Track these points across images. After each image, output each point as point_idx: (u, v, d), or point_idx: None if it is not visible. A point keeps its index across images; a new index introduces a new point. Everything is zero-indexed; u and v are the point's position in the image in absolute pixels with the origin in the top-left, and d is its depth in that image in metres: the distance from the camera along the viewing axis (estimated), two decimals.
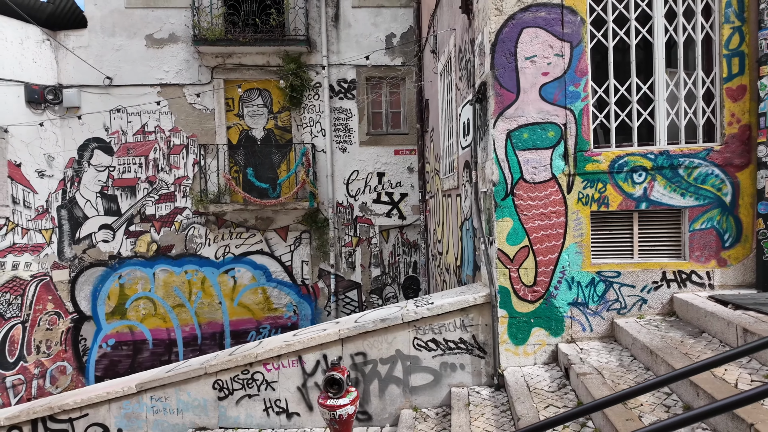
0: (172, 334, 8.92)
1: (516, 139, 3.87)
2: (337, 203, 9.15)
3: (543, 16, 3.82)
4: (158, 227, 8.87)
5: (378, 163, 9.20)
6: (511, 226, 3.89)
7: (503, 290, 3.93)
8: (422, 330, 4.14)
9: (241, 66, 8.90)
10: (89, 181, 8.75)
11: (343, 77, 9.10)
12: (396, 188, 9.24)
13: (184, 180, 8.92)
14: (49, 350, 8.42)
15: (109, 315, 8.82)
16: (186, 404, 4.54)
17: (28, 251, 8.20)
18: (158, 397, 4.59)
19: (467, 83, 5.03)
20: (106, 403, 4.66)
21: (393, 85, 9.29)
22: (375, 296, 9.28)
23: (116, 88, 8.74)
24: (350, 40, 9.07)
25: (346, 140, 9.14)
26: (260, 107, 9.14)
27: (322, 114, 9.06)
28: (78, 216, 8.74)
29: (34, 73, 8.35)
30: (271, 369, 4.39)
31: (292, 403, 4.36)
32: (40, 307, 8.33)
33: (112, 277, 8.79)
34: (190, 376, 4.50)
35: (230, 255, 9.02)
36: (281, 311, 9.12)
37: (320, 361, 4.32)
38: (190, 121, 8.90)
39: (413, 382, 4.17)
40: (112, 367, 8.85)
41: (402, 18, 9.12)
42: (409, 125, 9.24)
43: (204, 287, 8.96)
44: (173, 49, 8.83)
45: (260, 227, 9.07)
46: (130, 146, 8.81)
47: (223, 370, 4.45)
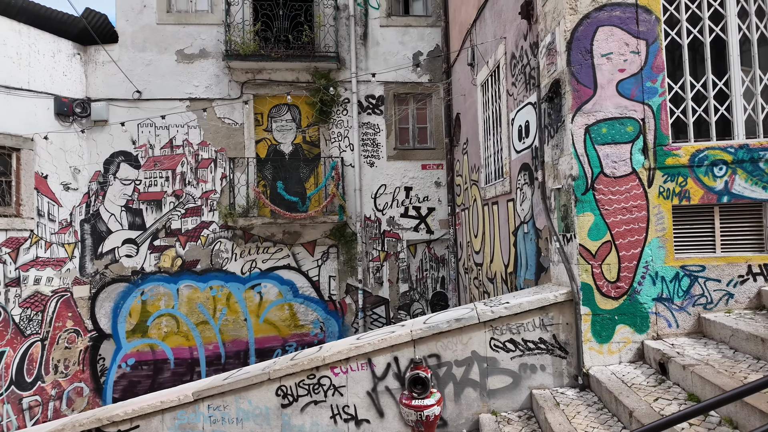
0: (194, 352, 8.61)
1: (594, 133, 3.89)
2: (365, 217, 9.08)
3: (618, 15, 3.90)
4: (184, 242, 8.70)
5: (405, 177, 9.20)
6: (592, 221, 3.86)
7: (585, 287, 3.85)
8: (499, 330, 4.02)
9: (270, 82, 8.97)
10: (114, 195, 8.60)
11: (371, 93, 9.20)
12: (423, 202, 9.22)
13: (211, 194, 8.82)
14: (66, 370, 8.06)
15: (130, 333, 8.51)
16: (246, 413, 4.32)
17: (50, 266, 7.95)
18: (216, 405, 4.36)
19: (525, 87, 5.09)
20: (159, 413, 4.41)
21: (419, 101, 9.41)
22: (403, 312, 9.10)
23: (145, 102, 8.72)
24: (378, 58, 9.22)
25: (374, 155, 9.16)
26: (289, 122, 9.17)
27: (351, 129, 9.11)
28: (101, 230, 8.54)
29: (64, 86, 8.32)
30: (338, 373, 4.21)
31: (362, 409, 4.17)
32: (59, 325, 8.02)
33: (134, 293, 8.53)
34: (251, 383, 4.29)
35: (257, 270, 8.84)
36: (308, 328, 8.89)
37: (391, 364, 4.15)
38: (218, 135, 8.87)
39: (491, 385, 4.02)
40: (131, 388, 8.48)
41: (428, 37, 9.32)
42: (435, 140, 9.31)
43: (229, 303, 8.72)
44: (203, 64, 8.89)
45: (287, 241, 8.94)
46: (157, 160, 8.72)
47: (288, 375, 4.26)
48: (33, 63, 7.90)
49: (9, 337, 7.30)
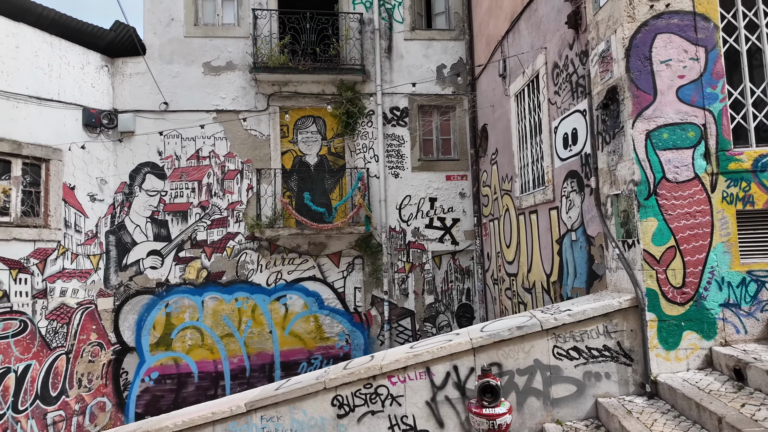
0: (219, 366, 8.48)
1: (655, 139, 3.90)
2: (390, 228, 9.05)
3: (676, 23, 3.95)
4: (209, 253, 8.63)
5: (430, 188, 9.20)
6: (655, 226, 3.84)
7: (651, 293, 3.82)
8: (562, 338, 3.97)
9: (296, 94, 9.02)
10: (140, 206, 8.56)
11: (396, 105, 9.26)
12: (448, 213, 9.20)
13: (237, 205, 8.79)
14: (90, 384, 7.91)
15: (154, 346, 8.38)
16: (301, 424, 4.22)
17: (76, 277, 7.86)
18: (270, 416, 4.26)
19: (571, 95, 5.12)
20: (210, 425, 4.31)
21: (443, 113, 9.47)
22: (429, 324, 9.01)
23: (172, 114, 8.74)
24: (402, 71, 9.30)
25: (399, 166, 9.17)
26: (314, 134, 9.20)
27: (376, 140, 9.14)
28: (126, 241, 8.48)
29: (92, 98, 8.34)
30: (396, 382, 4.14)
31: (421, 419, 4.08)
32: (84, 337, 7.89)
33: (159, 305, 8.43)
34: (306, 393, 4.21)
35: (282, 281, 8.76)
36: (333, 340, 8.77)
37: (450, 373, 4.08)
38: (245, 146, 8.88)
39: (554, 394, 3.95)
40: (154, 402, 8.31)
41: (452, 50, 9.42)
42: (459, 151, 9.34)
43: (254, 315, 8.62)
44: (230, 77, 8.94)
45: (313, 253, 8.88)
46: (183, 171, 8.71)
47: (344, 385, 4.18)
48: (63, 75, 7.93)
49: (35, 350, 7.18)
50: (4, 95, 7.10)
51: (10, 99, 7.17)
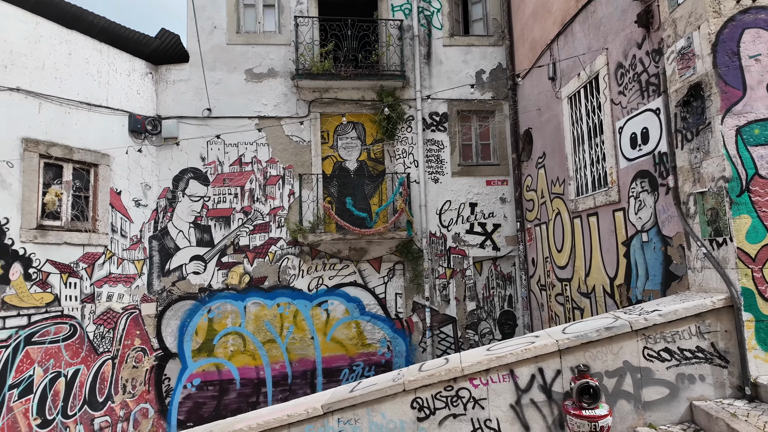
0: (261, 372, 8.40)
1: (746, 135, 3.82)
2: (430, 234, 8.99)
3: (763, 18, 3.90)
4: (252, 258, 8.61)
5: (470, 193, 9.14)
6: (749, 224, 3.75)
7: (747, 292, 3.71)
8: (652, 339, 3.86)
9: (337, 100, 9.06)
10: (182, 211, 8.59)
11: (435, 111, 9.25)
12: (489, 218, 9.12)
13: (279, 210, 8.78)
14: (134, 390, 7.86)
15: (196, 352, 8.33)
16: (380, 427, 4.13)
17: (121, 282, 7.87)
18: (347, 419, 4.18)
19: (640, 94, 5.06)
20: (285, 428, 4.23)
21: (482, 118, 9.44)
22: (471, 332, 8.88)
23: (214, 120, 8.80)
24: (441, 76, 9.31)
25: (438, 171, 9.14)
26: (354, 140, 9.21)
27: (415, 146, 9.12)
28: (169, 247, 8.49)
29: (137, 104, 8.43)
30: (478, 384, 4.04)
31: (505, 423, 3.97)
32: (128, 343, 7.87)
33: (201, 311, 8.40)
34: (385, 394, 4.12)
35: (323, 287, 8.71)
36: (375, 347, 8.67)
37: (536, 376, 3.98)
38: (286, 152, 8.91)
39: (646, 397, 3.83)
40: (196, 410, 8.24)
41: (491, 56, 9.43)
42: (499, 156, 9.29)
43: (296, 321, 8.56)
44: (272, 84, 9.00)
45: (353, 258, 8.83)
46: (226, 176, 8.74)
47: (423, 387, 4.09)
48: (111, 81, 8.03)
49: (84, 355, 7.16)
50: (57, 101, 7.19)
51: (63, 105, 7.26)
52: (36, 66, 6.97)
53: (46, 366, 6.66)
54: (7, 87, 6.59)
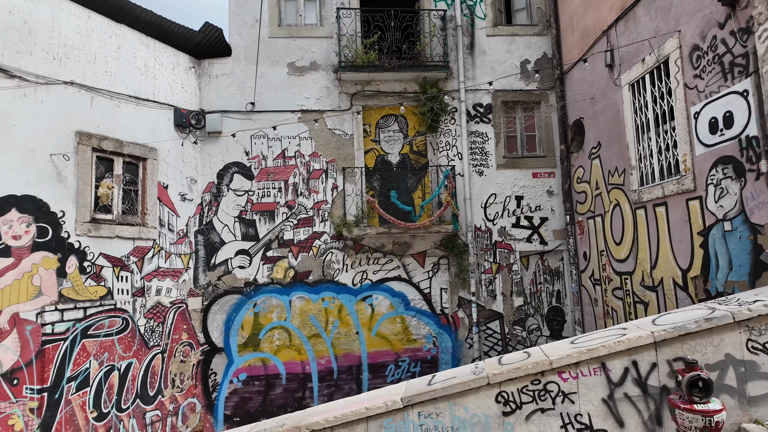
0: (306, 367, 8.33)
1: None
2: (475, 227, 8.81)
3: None
4: (296, 252, 8.55)
5: (516, 186, 8.94)
6: None
7: None
8: (757, 330, 3.65)
9: (379, 93, 8.94)
10: (227, 206, 8.55)
11: (479, 102, 9.07)
12: (535, 212, 8.91)
13: (322, 204, 8.70)
14: (182, 384, 7.85)
15: (242, 347, 8.29)
16: (463, 421, 3.99)
17: (169, 276, 7.86)
18: (428, 413, 4.04)
19: (722, 76, 4.83)
20: (364, 421, 4.11)
21: (527, 110, 9.23)
22: (518, 328, 8.69)
23: (257, 114, 8.75)
24: (485, 67, 9.13)
25: (483, 163, 8.95)
26: (396, 132, 9.08)
27: (459, 138, 8.95)
28: (214, 241, 8.46)
29: (182, 99, 8.41)
30: (567, 378, 3.87)
31: (597, 418, 3.80)
32: (176, 337, 7.86)
33: (247, 305, 8.36)
34: (468, 388, 3.97)
35: (367, 281, 8.60)
36: (420, 343, 8.54)
37: (629, 369, 3.79)
38: (329, 146, 8.82)
39: (751, 392, 3.62)
40: (243, 405, 8.20)
41: (535, 45, 9.21)
42: (546, 148, 9.07)
43: (341, 316, 8.47)
44: (314, 77, 8.92)
45: (397, 252, 8.71)
46: (270, 171, 8.68)
47: (509, 381, 3.93)
48: (157, 75, 8.02)
49: (135, 349, 7.16)
50: (108, 94, 7.19)
51: (113, 98, 7.26)
52: (88, 60, 6.98)
53: (101, 359, 6.67)
54: (62, 80, 6.60)
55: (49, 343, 6.07)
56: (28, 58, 6.25)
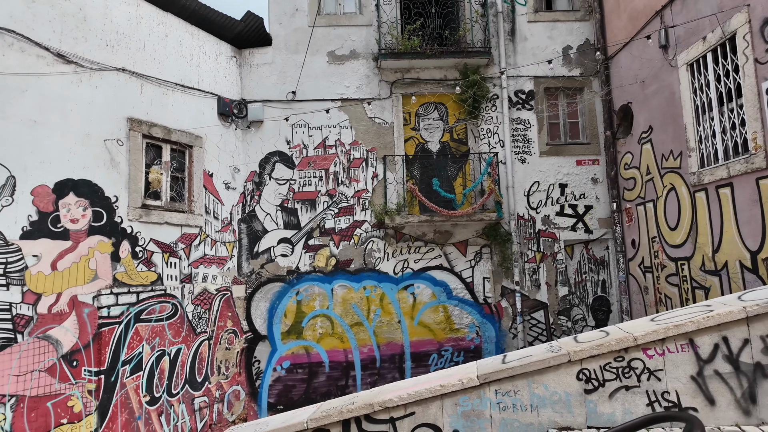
0: (349, 355, 8.29)
1: None
2: (518, 216, 8.68)
3: None
4: (337, 241, 8.52)
5: (559, 173, 8.79)
6: None
7: None
8: None
9: (419, 80, 8.87)
10: (269, 195, 8.56)
11: (521, 88, 8.95)
12: (580, 200, 8.75)
13: (363, 193, 8.66)
14: (227, 372, 7.87)
15: (285, 334, 8.29)
16: (542, 399, 3.90)
17: (215, 263, 7.89)
18: (505, 390, 3.96)
19: None
20: (438, 398, 4.05)
21: (569, 96, 9.08)
22: (563, 318, 8.54)
23: (298, 103, 8.75)
24: (526, 53, 9.00)
25: (525, 151, 8.83)
26: (436, 120, 9.00)
27: (501, 125, 8.84)
28: (257, 230, 8.48)
29: (224, 88, 8.45)
30: (653, 355, 3.76)
31: (685, 395, 3.68)
32: (222, 324, 7.89)
33: (290, 293, 8.35)
34: (547, 365, 3.88)
35: (409, 270, 8.53)
36: (463, 332, 8.44)
37: (719, 345, 3.67)
38: (369, 134, 8.78)
39: None
40: (286, 393, 8.20)
41: (577, 31, 9.06)
42: (590, 135, 8.91)
43: (382, 304, 8.41)
44: (354, 65, 8.89)
45: (438, 241, 8.62)
46: (310, 159, 8.68)
47: (590, 358, 3.84)
48: (201, 64, 8.07)
49: (184, 335, 7.20)
50: (156, 82, 7.25)
51: (161, 86, 7.32)
52: (137, 47, 7.04)
53: (153, 344, 6.71)
54: (114, 67, 6.67)
55: (105, 326, 6.12)
56: (83, 44, 6.32)
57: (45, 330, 5.56)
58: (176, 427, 6.89)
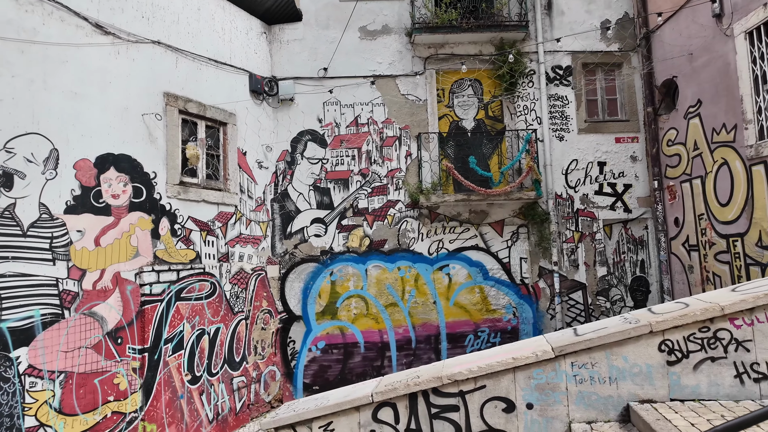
0: (384, 336, 8.19)
1: None
2: (556, 195, 8.50)
3: None
4: (371, 221, 8.38)
5: (598, 151, 8.58)
6: None
7: None
8: None
9: (453, 56, 8.64)
10: (302, 174, 8.42)
11: (558, 64, 8.70)
12: (619, 179, 8.55)
13: (396, 172, 8.49)
14: (263, 352, 7.80)
15: (319, 315, 8.20)
16: (621, 371, 3.76)
17: (250, 243, 7.78)
18: (582, 363, 3.82)
19: None
20: (510, 372, 3.92)
21: (608, 72, 8.83)
22: (602, 298, 8.39)
23: (329, 80, 8.55)
24: (564, 27, 8.73)
25: (563, 128, 8.61)
26: (470, 97, 8.78)
27: (538, 102, 8.62)
28: (290, 210, 8.35)
29: (255, 64, 8.26)
30: (741, 325, 3.60)
31: None
32: (257, 304, 7.80)
33: (324, 273, 8.24)
34: (627, 336, 3.74)
35: (444, 251, 8.39)
36: (500, 313, 8.31)
37: None
38: (402, 112, 8.58)
39: None
40: (321, 373, 8.13)
41: (616, 5, 8.77)
42: (629, 112, 8.67)
43: (417, 285, 8.29)
44: (386, 41, 8.67)
45: (474, 221, 8.47)
46: (343, 138, 8.50)
47: (673, 328, 3.68)
48: (233, 39, 7.87)
49: (222, 314, 7.11)
50: (191, 56, 7.07)
51: (195, 60, 7.14)
52: (172, 20, 6.85)
53: (193, 322, 6.62)
54: (150, 39, 6.49)
55: (147, 303, 6.02)
56: (120, 15, 6.14)
57: (90, 306, 5.46)
58: (216, 406, 6.83)
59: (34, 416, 4.89)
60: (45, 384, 5.00)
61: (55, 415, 5.06)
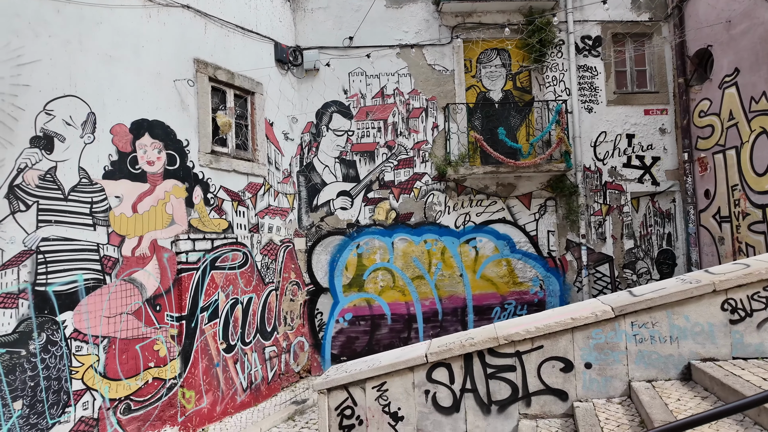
0: (411, 308, 8.21)
1: None
2: (585, 167, 8.43)
3: None
4: (397, 194, 8.32)
5: (627, 123, 8.48)
6: None
7: None
8: None
9: (480, 25, 8.47)
10: (327, 146, 8.33)
11: (587, 34, 8.54)
12: (647, 151, 8.47)
13: (423, 144, 8.40)
14: (292, 323, 7.82)
15: (346, 287, 8.20)
16: (683, 330, 3.75)
17: (278, 215, 7.73)
18: (642, 322, 3.82)
19: None
20: (568, 332, 3.92)
21: (637, 42, 8.67)
22: (628, 271, 8.39)
23: (354, 50, 8.39)
24: None
25: (592, 99, 8.49)
26: (498, 68, 8.64)
27: (566, 73, 8.48)
28: (316, 182, 8.28)
29: (280, 33, 8.09)
30: None
31: None
32: (286, 275, 7.79)
33: (350, 246, 8.22)
34: (689, 296, 3.73)
35: (471, 224, 8.35)
36: (527, 286, 8.32)
37: None
38: (429, 83, 8.45)
39: None
40: (349, 344, 8.17)
41: None
42: (658, 83, 8.54)
43: (444, 258, 8.27)
44: (412, 9, 8.49)
45: (501, 194, 8.41)
46: (368, 110, 8.38)
47: (737, 287, 3.67)
48: (259, 6, 7.69)
49: (254, 284, 7.09)
50: (219, 22, 6.91)
51: (223, 27, 6.98)
52: None
53: (227, 291, 6.61)
54: (180, 3, 6.33)
55: (183, 271, 6.00)
56: None
57: (130, 273, 5.44)
58: (250, 375, 6.87)
59: (80, 380, 4.90)
60: (90, 348, 5.00)
61: (101, 380, 5.07)
